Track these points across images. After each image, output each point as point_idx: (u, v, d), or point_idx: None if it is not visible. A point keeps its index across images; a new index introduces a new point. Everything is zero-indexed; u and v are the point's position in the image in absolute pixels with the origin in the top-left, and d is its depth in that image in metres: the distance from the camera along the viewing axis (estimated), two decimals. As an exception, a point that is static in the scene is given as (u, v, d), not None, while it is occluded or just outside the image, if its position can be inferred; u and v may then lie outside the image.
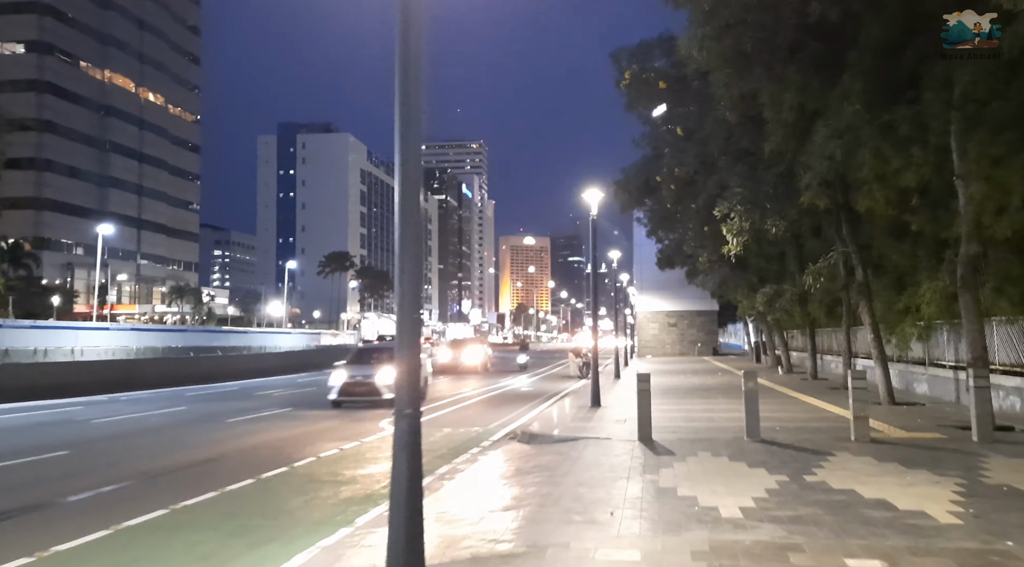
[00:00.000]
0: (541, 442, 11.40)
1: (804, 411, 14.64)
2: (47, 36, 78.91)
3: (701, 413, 14.71)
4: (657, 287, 52.54)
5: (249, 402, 20.47)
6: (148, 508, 7.50)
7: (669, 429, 11.92)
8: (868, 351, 23.36)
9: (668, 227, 31.66)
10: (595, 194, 16.42)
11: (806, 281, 16.72)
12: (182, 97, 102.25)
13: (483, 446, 11.45)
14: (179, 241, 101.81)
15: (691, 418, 13.79)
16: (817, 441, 10.45)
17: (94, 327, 36.01)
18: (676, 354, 52.55)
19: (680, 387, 22.45)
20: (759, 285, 28.87)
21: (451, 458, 10.30)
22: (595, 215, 16.56)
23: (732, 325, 67.36)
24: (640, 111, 17.60)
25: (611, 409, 15.73)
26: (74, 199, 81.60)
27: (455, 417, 16.24)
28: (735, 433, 11.19)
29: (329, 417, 16.59)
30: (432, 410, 17.50)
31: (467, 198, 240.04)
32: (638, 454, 9.63)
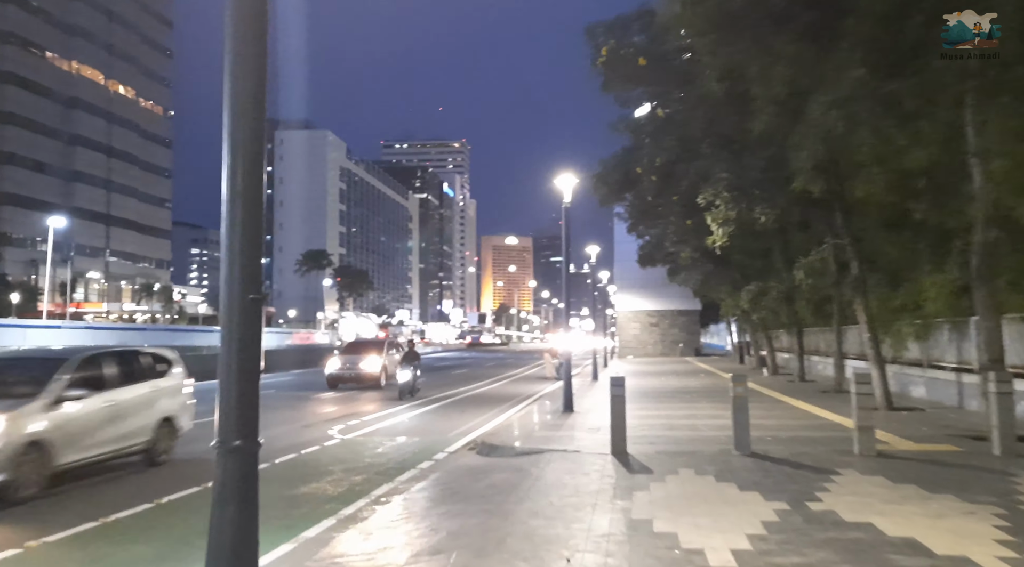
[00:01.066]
0: (501, 454, 9.96)
1: (796, 418, 13.32)
2: (7, 24, 76.11)
3: (683, 420, 13.34)
4: (638, 286, 51.33)
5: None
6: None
7: (647, 440, 10.52)
8: (860, 352, 22.19)
9: (649, 222, 30.37)
10: (568, 180, 15.01)
11: (796, 276, 15.44)
12: (153, 91, 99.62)
13: (436, 459, 9.99)
14: (150, 238, 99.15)
15: (672, 426, 12.41)
16: (816, 455, 9.09)
17: (43, 325, 33.98)
18: (658, 354, 51.35)
19: (660, 390, 21.13)
20: (743, 283, 27.66)
21: (395, 475, 8.84)
22: (568, 203, 15.16)
23: (715, 325, 66.40)
24: (617, 92, 16.23)
25: (584, 415, 14.32)
26: (38, 193, 78.88)
27: (414, 424, 14.75)
28: (721, 444, 9.82)
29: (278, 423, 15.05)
30: (389, 417, 15.99)
31: (449, 197, 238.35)
32: (609, 472, 8.21)
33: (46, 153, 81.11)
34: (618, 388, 9.38)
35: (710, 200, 14.10)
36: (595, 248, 28.25)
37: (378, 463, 10.02)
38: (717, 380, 25.61)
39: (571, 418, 14.01)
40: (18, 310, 62.67)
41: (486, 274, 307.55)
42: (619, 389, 9.36)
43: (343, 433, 13.15)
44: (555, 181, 15.13)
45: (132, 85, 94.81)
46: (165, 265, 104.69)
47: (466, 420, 15.12)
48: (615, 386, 9.40)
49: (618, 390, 9.35)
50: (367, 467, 9.71)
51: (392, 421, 15.16)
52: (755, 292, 23.81)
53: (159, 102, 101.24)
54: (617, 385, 9.40)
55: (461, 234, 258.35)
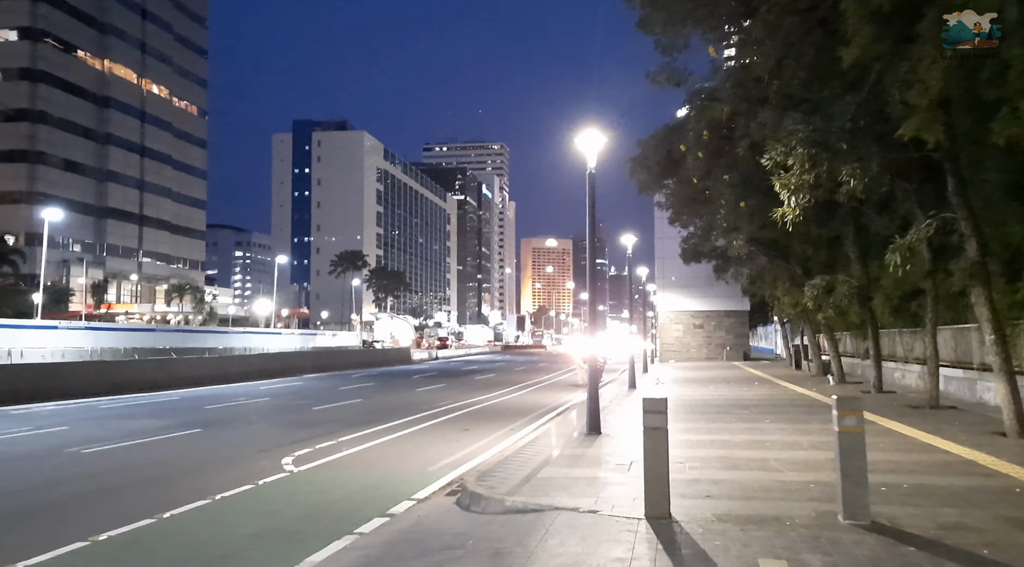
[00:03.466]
0: (485, 509, 6.82)
1: (904, 448, 9.83)
2: (41, 23, 75.79)
3: (747, 450, 9.97)
4: (681, 284, 47.59)
5: (157, 421, 16.05)
6: None
7: (699, 488, 7.25)
8: (954, 358, 18.41)
9: (694, 210, 26.80)
10: (593, 139, 11.77)
11: (890, 262, 11.90)
12: (187, 90, 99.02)
13: (392, 514, 6.92)
14: (184, 239, 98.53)
15: (733, 462, 9.06)
16: (984, 527, 5.69)
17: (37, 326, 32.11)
18: (702, 359, 47.47)
19: (711, 402, 17.70)
20: (803, 278, 23.97)
21: (319, 542, 5.80)
22: (593, 168, 11.90)
23: (763, 327, 62.13)
24: (658, 31, 12.93)
25: (614, 440, 11.06)
26: (70, 194, 78.36)
27: (395, 448, 11.67)
28: (816, 501, 6.51)
29: (231, 445, 12.15)
30: (371, 437, 12.94)
31: (487, 199, 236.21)
32: (643, 562, 4.98)
33: (79, 153, 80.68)
34: (657, 416, 6.12)
35: (780, 160, 10.74)
36: (631, 238, 24.84)
37: (309, 517, 6.97)
38: (776, 390, 22.01)
39: (596, 444, 10.76)
40: (44, 311, 61.77)
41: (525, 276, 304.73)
42: (658, 418, 6.10)
43: (299, 463, 10.14)
44: (576, 141, 11.90)
45: (166, 84, 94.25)
46: (199, 266, 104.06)
47: (465, 444, 11.99)
48: (652, 413, 6.14)
49: (657, 420, 6.10)
50: (287, 526, 6.66)
51: (372, 443, 12.11)
52: (821, 287, 20.16)
53: (193, 102, 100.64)
54: (655, 411, 6.14)
55: (500, 236, 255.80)
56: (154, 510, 7.16)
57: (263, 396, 22.59)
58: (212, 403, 20.02)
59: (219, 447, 12.05)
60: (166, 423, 15.19)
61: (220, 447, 12.04)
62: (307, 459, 10.44)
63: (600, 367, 27.23)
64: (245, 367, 31.13)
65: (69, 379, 22.02)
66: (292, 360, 36.80)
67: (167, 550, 6.00)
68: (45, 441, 12.64)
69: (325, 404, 19.70)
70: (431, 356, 61.59)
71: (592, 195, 12.09)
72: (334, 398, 21.61)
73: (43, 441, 12.64)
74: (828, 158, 10.50)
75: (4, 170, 74.36)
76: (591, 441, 11.03)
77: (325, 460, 10.39)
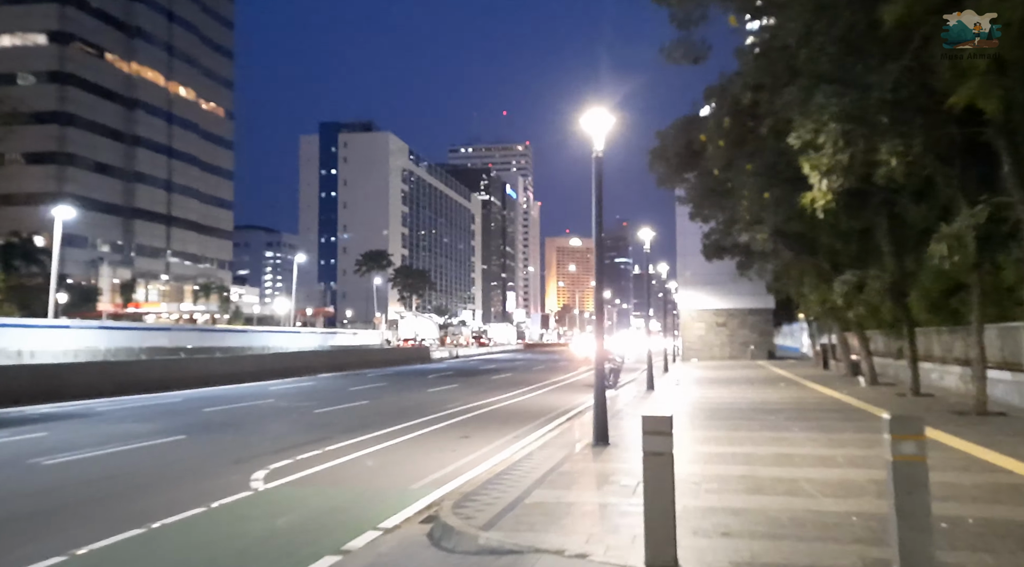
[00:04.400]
0: (456, 547, 5.75)
1: (959, 466, 8.53)
2: (69, 26, 76.38)
3: (773, 468, 8.77)
4: (703, 281, 46.03)
5: (145, 425, 15.26)
6: None
7: (716, 516, 6.09)
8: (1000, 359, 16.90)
9: (715, 203, 25.51)
10: (599, 119, 10.62)
11: (935, 253, 10.60)
12: (214, 92, 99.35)
13: (346, 550, 5.89)
14: (212, 239, 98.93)
15: (757, 481, 7.87)
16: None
17: (48, 326, 31.87)
18: (725, 357, 45.89)
19: (733, 406, 16.43)
20: (831, 274, 22.50)
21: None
22: (600, 152, 10.75)
23: (788, 325, 60.21)
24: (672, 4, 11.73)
25: (623, 452, 9.91)
26: (98, 194, 78.94)
27: (382, 460, 10.66)
28: (860, 539, 5.34)
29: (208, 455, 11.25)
30: (362, 446, 11.94)
31: (512, 199, 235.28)
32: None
33: (107, 154, 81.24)
34: (659, 438, 4.96)
35: (809, 139, 9.48)
36: (649, 232, 23.58)
37: (245, 555, 5.96)
38: (804, 392, 20.64)
39: (602, 457, 9.62)
40: (68, 310, 62.16)
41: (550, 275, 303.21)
42: (661, 441, 4.95)
43: (272, 477, 9.18)
44: (581, 122, 10.76)
45: (192, 86, 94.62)
46: (227, 265, 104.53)
47: (461, 454, 10.94)
48: (654, 435, 4.98)
49: (659, 444, 4.94)
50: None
51: (360, 453, 11.11)
52: (853, 283, 18.75)
53: (220, 103, 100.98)
54: (657, 433, 4.98)
55: (524, 236, 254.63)
56: (70, 544, 6.16)
57: (269, 397, 21.79)
58: (213, 405, 19.25)
59: (194, 457, 11.15)
60: (153, 428, 14.38)
61: (195, 457, 11.14)
62: (282, 473, 9.47)
63: (616, 368, 26.09)
64: (258, 366, 30.46)
65: (70, 380, 21.42)
66: (308, 359, 36.10)
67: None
68: (12, 449, 11.85)
69: (329, 406, 18.81)
70: (451, 354, 60.75)
71: (599, 182, 10.94)
72: (341, 399, 20.73)
73: (10, 449, 11.85)
74: (865, 135, 9.24)
75: (34, 171, 75.11)
76: (597, 453, 9.90)
77: (302, 474, 9.40)
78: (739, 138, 18.75)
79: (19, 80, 74.98)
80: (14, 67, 74.69)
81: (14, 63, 75.09)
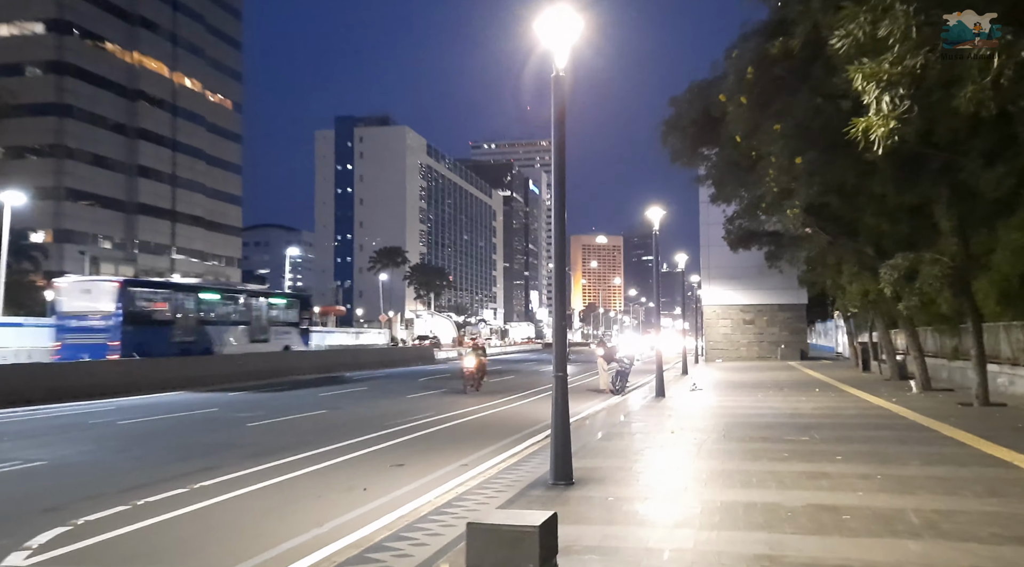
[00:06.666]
0: None
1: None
2: (67, 14, 74.44)
3: (811, 530, 5.50)
4: (729, 275, 42.47)
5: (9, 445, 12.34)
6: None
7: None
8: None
9: (738, 180, 22.04)
10: (560, 23, 7.38)
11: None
12: (221, 83, 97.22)
13: None
14: (219, 235, 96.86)
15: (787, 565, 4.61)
16: None
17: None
18: (753, 358, 42.30)
19: (757, 421, 13.11)
20: (875, 259, 19.00)
21: None
22: (563, 69, 7.54)
23: (821, 323, 56.30)
24: None
25: (591, 498, 6.71)
26: (99, 189, 77.16)
27: (266, 500, 7.55)
28: None
29: (26, 497, 8.25)
30: (276, 471, 8.83)
31: (535, 196, 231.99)
32: None
33: (108, 147, 79.33)
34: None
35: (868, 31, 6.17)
36: (658, 211, 20.29)
37: None
38: (844, 399, 17.24)
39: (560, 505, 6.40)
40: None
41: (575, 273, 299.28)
42: None
43: (55, 545, 6.11)
44: (535, 27, 7.53)
45: (198, 77, 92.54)
46: (235, 263, 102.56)
47: (372, 494, 7.80)
48: None
49: None
50: None
51: (241, 491, 8.01)
52: (904, 269, 15.28)
53: (227, 95, 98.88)
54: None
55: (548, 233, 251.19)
56: None
57: (214, 406, 18.82)
58: (134, 417, 16.32)
59: (3, 501, 8.12)
60: (14, 450, 11.43)
61: (4, 501, 8.11)
62: (82, 534, 6.40)
63: (624, 371, 22.84)
64: (227, 369, 27.61)
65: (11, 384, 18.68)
66: (290, 360, 33.22)
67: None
68: None
69: (273, 418, 15.82)
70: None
71: (560, 115, 7.70)
72: (295, 409, 17.72)
73: None
74: (937, 52, 5.92)
75: (31, 165, 73.35)
76: (553, 497, 6.69)
77: (103, 537, 6.32)
78: (765, 95, 15.53)
79: (26, 72, 73.39)
80: (10, 57, 72.90)
81: (10, 53, 73.34)
